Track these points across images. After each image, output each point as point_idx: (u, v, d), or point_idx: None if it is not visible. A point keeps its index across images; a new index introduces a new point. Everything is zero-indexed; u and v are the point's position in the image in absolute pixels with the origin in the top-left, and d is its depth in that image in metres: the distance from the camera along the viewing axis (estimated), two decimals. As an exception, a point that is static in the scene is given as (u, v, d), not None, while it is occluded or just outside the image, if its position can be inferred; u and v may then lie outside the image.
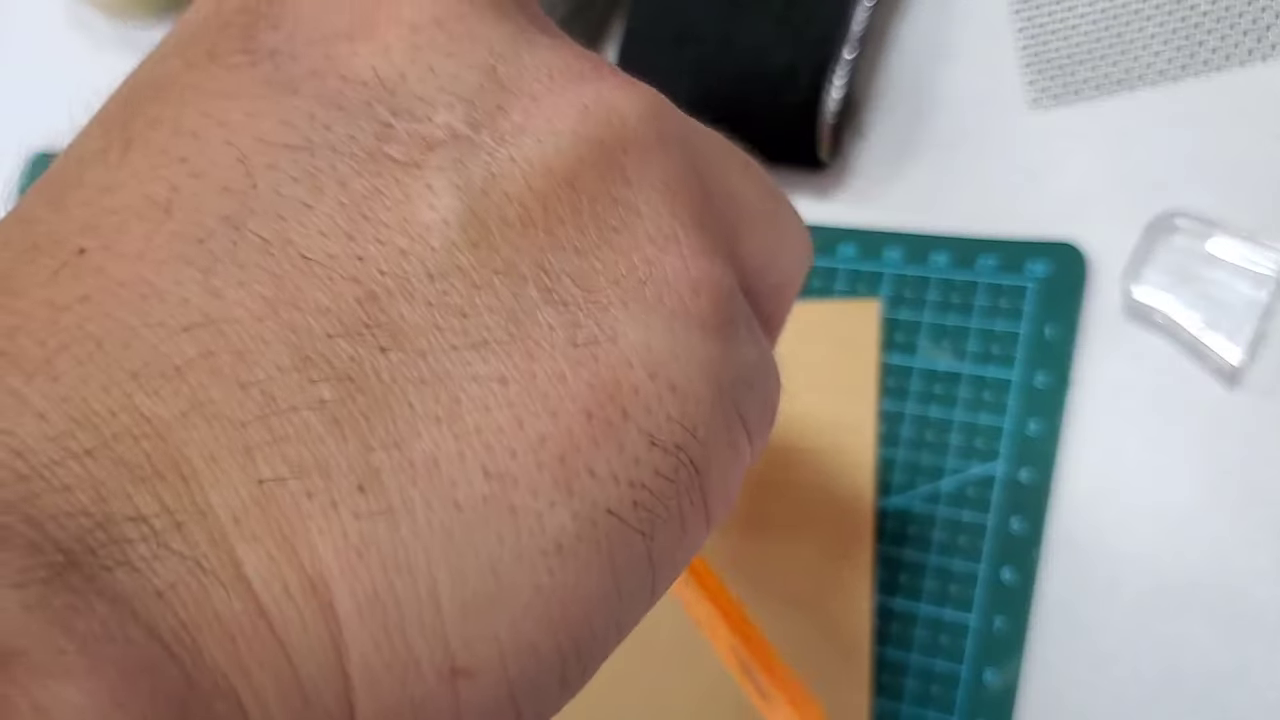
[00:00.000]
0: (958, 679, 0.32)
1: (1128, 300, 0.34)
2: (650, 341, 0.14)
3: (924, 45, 0.41)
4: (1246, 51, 0.37)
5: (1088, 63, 0.38)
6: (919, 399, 0.35)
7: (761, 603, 0.34)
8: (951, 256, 0.37)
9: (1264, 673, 0.30)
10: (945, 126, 0.39)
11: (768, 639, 0.31)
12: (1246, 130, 0.36)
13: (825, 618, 0.34)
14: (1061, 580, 0.33)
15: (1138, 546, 0.32)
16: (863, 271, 0.37)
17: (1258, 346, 0.33)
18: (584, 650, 0.14)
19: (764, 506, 0.35)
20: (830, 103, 0.38)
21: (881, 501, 0.35)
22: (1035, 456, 0.34)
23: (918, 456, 0.35)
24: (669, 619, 0.35)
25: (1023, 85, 0.39)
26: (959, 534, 0.34)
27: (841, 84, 0.38)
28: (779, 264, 0.17)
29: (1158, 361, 0.34)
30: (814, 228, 0.39)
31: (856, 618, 0.34)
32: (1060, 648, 0.32)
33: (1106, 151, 0.37)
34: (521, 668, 0.14)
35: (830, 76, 0.38)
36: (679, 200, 0.15)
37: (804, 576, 0.34)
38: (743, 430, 0.15)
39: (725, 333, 0.15)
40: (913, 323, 0.36)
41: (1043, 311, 0.35)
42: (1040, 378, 0.34)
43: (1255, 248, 0.33)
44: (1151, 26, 0.38)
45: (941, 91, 0.40)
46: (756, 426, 0.16)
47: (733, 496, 0.16)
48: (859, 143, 0.40)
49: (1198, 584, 0.32)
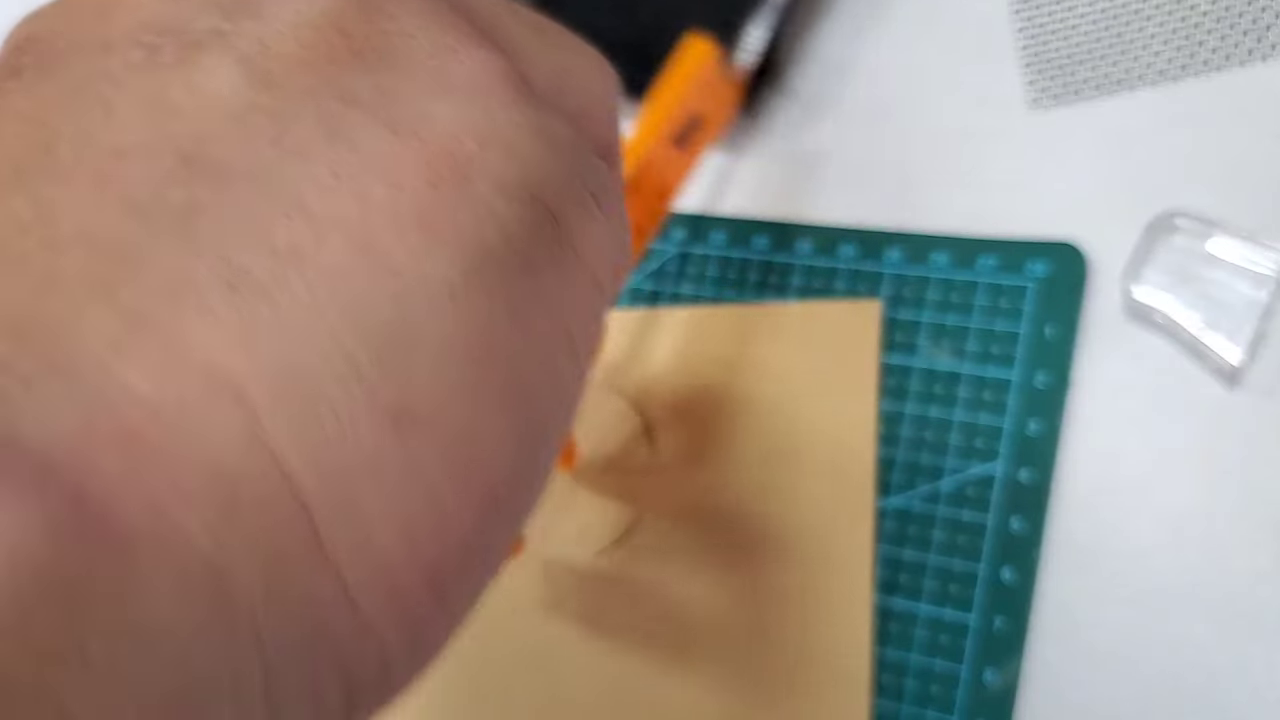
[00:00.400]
0: (958, 679, 0.32)
1: (1128, 300, 0.34)
2: (468, 117, 0.15)
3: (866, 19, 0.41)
4: (1246, 51, 0.37)
5: (1088, 63, 0.38)
6: (919, 399, 0.35)
7: (761, 601, 0.34)
8: (951, 256, 0.37)
9: (1264, 672, 0.30)
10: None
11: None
12: (1246, 130, 0.36)
13: (825, 617, 0.34)
14: (1061, 580, 0.33)
15: (1137, 546, 0.32)
16: (863, 271, 0.37)
17: (1258, 346, 0.33)
18: (526, 405, 0.15)
19: (763, 505, 0.35)
20: (743, 55, 0.39)
21: (881, 501, 0.35)
22: (1035, 456, 0.34)
23: (918, 456, 0.35)
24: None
25: (1023, 85, 0.39)
26: (959, 534, 0.34)
27: (760, 40, 0.39)
28: (573, 84, 0.18)
29: (1158, 361, 0.34)
30: (814, 228, 0.39)
31: (856, 617, 0.34)
32: (1060, 647, 0.32)
33: (1107, 151, 0.37)
34: (465, 412, 0.14)
35: (746, 29, 0.39)
36: (447, 20, 0.16)
37: (803, 575, 0.34)
38: (593, 201, 0.16)
39: (536, 105, 0.15)
40: (913, 322, 0.36)
41: (1043, 311, 0.35)
42: (1040, 378, 0.34)
43: (1255, 248, 0.33)
44: (1152, 26, 0.38)
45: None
46: (606, 209, 0.16)
47: (613, 261, 0.17)
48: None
49: (1198, 584, 0.32)
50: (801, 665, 0.34)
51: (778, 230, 0.39)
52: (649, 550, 0.36)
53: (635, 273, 0.40)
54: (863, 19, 0.42)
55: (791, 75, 0.42)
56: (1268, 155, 0.35)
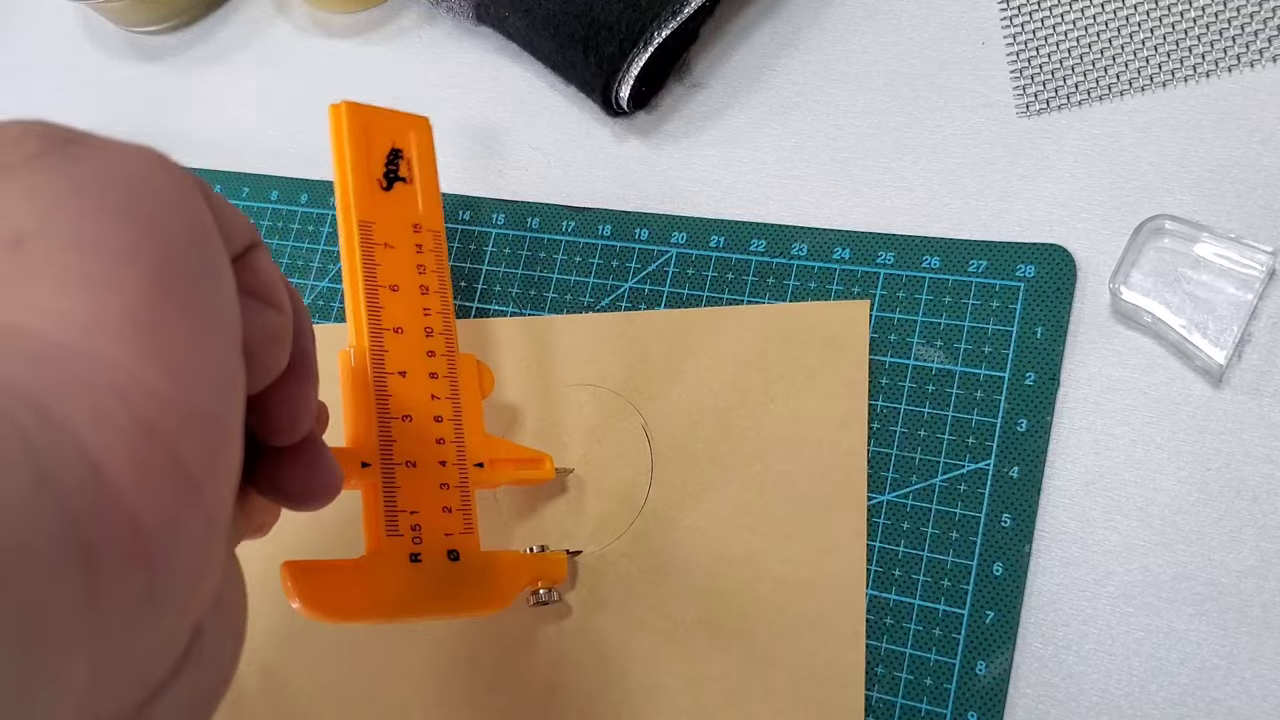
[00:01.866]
0: (950, 671, 0.33)
1: (1116, 301, 0.35)
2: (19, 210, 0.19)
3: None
4: (1235, 58, 0.37)
5: (1076, 70, 0.39)
6: (913, 398, 0.36)
7: (757, 598, 0.35)
8: (943, 260, 0.37)
9: (1250, 664, 0.31)
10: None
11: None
12: (1232, 135, 0.36)
13: (820, 612, 0.34)
14: (1051, 574, 0.33)
15: (1125, 541, 0.33)
16: (857, 273, 0.38)
17: (1243, 346, 0.34)
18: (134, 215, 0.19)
19: (759, 502, 0.36)
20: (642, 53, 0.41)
21: (877, 498, 0.35)
22: (1025, 454, 0.34)
23: (911, 454, 0.36)
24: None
25: (1012, 92, 0.39)
26: (951, 529, 0.34)
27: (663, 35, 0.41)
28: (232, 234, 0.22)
29: (1145, 361, 0.35)
30: (814, 229, 0.39)
31: (851, 611, 0.34)
32: (1050, 640, 0.33)
33: (1095, 156, 0.38)
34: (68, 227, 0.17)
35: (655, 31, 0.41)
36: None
37: (798, 571, 0.35)
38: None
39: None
40: (906, 323, 0.37)
41: (1033, 313, 0.36)
42: (1030, 377, 0.35)
43: (1241, 249, 0.34)
44: (1141, 34, 0.39)
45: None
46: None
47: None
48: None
49: (1184, 578, 0.32)
50: (796, 658, 0.34)
51: (774, 232, 0.40)
52: (644, 547, 0.37)
53: (633, 274, 0.41)
54: (860, 22, 0.43)
55: (781, 79, 0.43)
56: (1253, 159, 0.36)
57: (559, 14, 0.43)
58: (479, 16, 0.46)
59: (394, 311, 0.35)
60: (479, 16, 0.46)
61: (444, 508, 0.33)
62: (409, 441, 0.33)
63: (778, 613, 0.35)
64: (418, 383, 0.34)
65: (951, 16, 0.42)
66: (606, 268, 0.42)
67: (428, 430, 0.34)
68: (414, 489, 0.33)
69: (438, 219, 0.38)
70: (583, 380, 0.40)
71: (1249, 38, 0.37)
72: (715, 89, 0.44)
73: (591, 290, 0.41)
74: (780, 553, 0.35)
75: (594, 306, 0.41)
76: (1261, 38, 0.37)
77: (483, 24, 0.47)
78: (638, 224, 0.42)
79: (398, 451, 0.33)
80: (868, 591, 0.35)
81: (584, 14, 0.42)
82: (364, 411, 0.33)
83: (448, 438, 0.34)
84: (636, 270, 0.41)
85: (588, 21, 0.42)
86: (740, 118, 0.43)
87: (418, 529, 0.32)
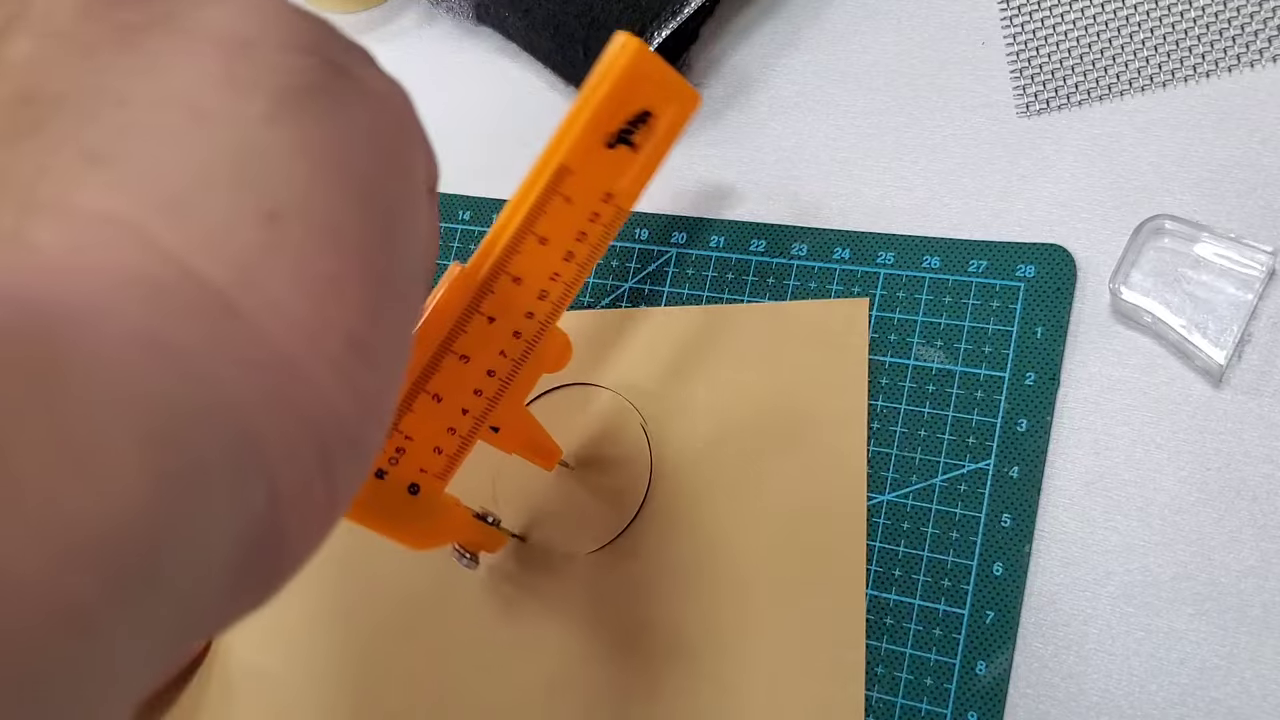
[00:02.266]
0: (951, 671, 0.33)
1: (1116, 301, 0.35)
2: (238, 9, 0.18)
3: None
4: (1235, 58, 0.37)
5: (1076, 70, 0.39)
6: (913, 398, 0.36)
7: (756, 598, 0.35)
8: (943, 260, 0.37)
9: (1250, 664, 0.31)
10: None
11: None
12: (1232, 135, 0.36)
13: (820, 612, 0.34)
14: (1051, 574, 0.33)
15: (1125, 541, 0.33)
16: (857, 273, 0.38)
17: (1243, 346, 0.34)
18: (368, 195, 0.18)
19: (758, 502, 0.36)
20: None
21: (877, 497, 0.35)
22: (1025, 454, 0.34)
23: (912, 453, 0.36)
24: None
25: (1012, 92, 0.39)
26: (951, 529, 0.34)
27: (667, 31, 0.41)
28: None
29: (1145, 361, 0.35)
30: (812, 229, 0.39)
31: (851, 611, 0.34)
32: (1050, 640, 0.33)
33: (1095, 156, 0.38)
34: (320, 204, 0.17)
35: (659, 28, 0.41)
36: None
37: (798, 570, 0.35)
38: (363, 56, 0.19)
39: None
40: (906, 323, 0.37)
41: (1033, 313, 0.36)
42: (1031, 377, 0.35)
43: (1241, 249, 0.34)
44: (1141, 34, 0.39)
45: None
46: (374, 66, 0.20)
47: (401, 103, 0.20)
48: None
49: (1185, 578, 0.32)
50: (797, 658, 0.34)
51: (774, 233, 0.40)
52: (644, 546, 0.37)
53: (633, 274, 0.41)
54: (860, 22, 0.43)
55: (781, 79, 0.43)
56: (1253, 159, 0.36)
57: (559, 14, 0.43)
58: (479, 16, 0.46)
59: (524, 261, 0.33)
60: (479, 16, 0.46)
61: (436, 448, 0.32)
62: (448, 377, 0.32)
63: (777, 612, 0.35)
64: (498, 334, 0.33)
65: (951, 16, 0.42)
66: (606, 267, 0.42)
67: (474, 379, 0.33)
68: (423, 420, 0.32)
69: (633, 199, 0.35)
70: (582, 379, 0.40)
71: (1249, 38, 0.37)
72: (715, 89, 0.44)
73: (591, 290, 0.41)
74: (780, 552, 0.35)
75: (594, 306, 0.41)
76: (1261, 38, 0.37)
77: (483, 24, 0.47)
78: (638, 224, 0.42)
79: (434, 382, 0.32)
80: (868, 591, 0.35)
81: (584, 14, 0.42)
82: (428, 335, 0.32)
83: (486, 393, 0.33)
84: (636, 270, 0.41)
85: (588, 21, 0.42)
86: (740, 118, 0.43)
87: (400, 452, 0.32)
